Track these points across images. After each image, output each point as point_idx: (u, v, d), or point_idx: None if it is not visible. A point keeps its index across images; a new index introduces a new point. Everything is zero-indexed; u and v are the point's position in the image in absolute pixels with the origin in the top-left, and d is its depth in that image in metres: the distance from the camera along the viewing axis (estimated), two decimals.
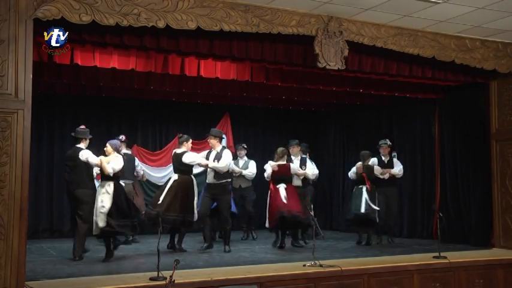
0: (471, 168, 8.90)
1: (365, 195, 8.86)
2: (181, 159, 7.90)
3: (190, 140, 8.21)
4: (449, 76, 8.06)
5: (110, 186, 7.03)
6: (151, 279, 5.37)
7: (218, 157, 8.14)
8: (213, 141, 8.25)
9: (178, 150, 8.07)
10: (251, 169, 9.59)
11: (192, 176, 8.07)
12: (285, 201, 8.15)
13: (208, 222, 8.19)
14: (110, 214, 6.92)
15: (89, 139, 7.48)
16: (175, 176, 7.94)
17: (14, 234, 5.05)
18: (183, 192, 7.83)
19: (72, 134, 7.57)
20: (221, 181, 8.12)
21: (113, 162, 7.12)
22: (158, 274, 5.37)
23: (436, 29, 7.40)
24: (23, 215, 5.12)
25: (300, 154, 8.97)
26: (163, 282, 5.11)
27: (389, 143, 9.15)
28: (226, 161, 8.09)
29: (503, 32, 7.55)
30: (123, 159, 7.42)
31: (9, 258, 5.02)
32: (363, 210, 8.77)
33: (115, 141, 7.53)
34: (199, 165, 8.20)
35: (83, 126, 7.62)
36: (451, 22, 7.13)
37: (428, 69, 7.84)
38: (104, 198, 6.97)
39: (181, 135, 8.25)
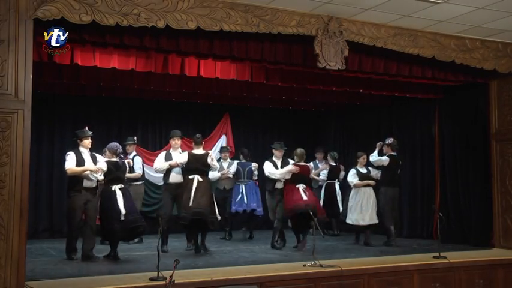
0: (471, 168, 8.90)
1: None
2: (206, 161, 7.76)
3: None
4: (449, 76, 8.07)
5: None
6: (151, 279, 5.38)
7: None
8: (180, 142, 8.27)
9: (197, 152, 7.86)
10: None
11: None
12: (305, 198, 8.07)
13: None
14: None
15: (89, 137, 7.32)
16: (198, 177, 7.64)
17: (14, 234, 5.05)
18: (209, 193, 7.71)
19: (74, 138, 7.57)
20: None
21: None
22: (158, 274, 5.37)
23: (436, 29, 7.40)
24: (23, 215, 5.12)
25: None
26: (163, 282, 5.13)
27: (388, 142, 9.05)
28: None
29: (503, 32, 7.55)
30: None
31: (9, 258, 5.02)
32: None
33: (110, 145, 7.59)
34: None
35: (86, 128, 7.58)
36: (451, 22, 7.13)
37: (428, 69, 7.85)
38: None
39: (198, 135, 8.04)
